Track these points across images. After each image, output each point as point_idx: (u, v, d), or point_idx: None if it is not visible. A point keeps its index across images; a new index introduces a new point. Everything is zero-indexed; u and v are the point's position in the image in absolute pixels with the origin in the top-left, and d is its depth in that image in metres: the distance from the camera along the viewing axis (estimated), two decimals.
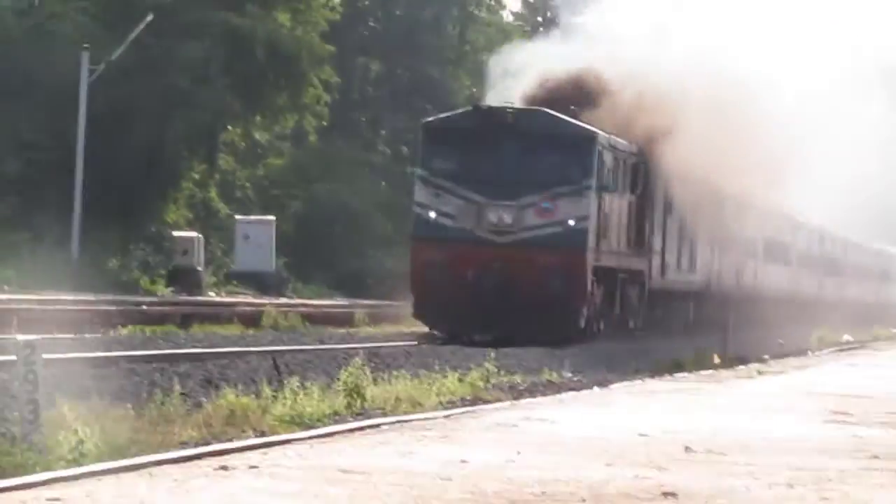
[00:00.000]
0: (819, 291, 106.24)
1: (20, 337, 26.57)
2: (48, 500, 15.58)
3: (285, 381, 30.59)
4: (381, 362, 35.71)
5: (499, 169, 50.73)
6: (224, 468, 18.44)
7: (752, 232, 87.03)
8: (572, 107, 55.74)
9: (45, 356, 23.65)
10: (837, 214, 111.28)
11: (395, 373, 33.96)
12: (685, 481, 18.71)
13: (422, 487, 17.34)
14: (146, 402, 27.28)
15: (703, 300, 75.12)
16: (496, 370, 37.48)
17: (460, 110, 60.97)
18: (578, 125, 53.85)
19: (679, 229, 69.04)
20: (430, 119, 62.29)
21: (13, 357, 24.24)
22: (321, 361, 35.37)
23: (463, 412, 28.55)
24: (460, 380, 35.61)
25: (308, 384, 30.64)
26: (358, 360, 32.89)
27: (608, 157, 54.84)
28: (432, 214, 51.44)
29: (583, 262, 51.14)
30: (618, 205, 56.61)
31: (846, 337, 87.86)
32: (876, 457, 22.52)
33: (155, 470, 18.40)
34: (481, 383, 35.94)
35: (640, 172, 60.24)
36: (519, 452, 21.19)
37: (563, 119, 53.61)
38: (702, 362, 51.01)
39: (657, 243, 64.20)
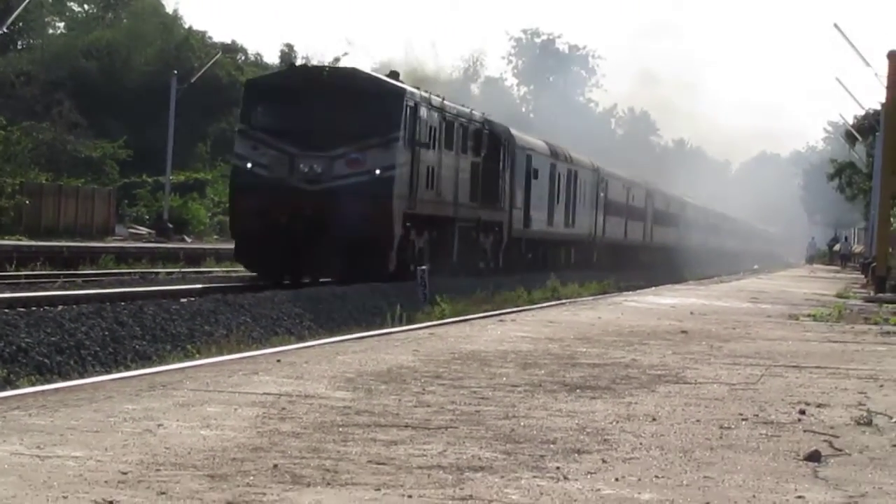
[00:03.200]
0: (703, 244, 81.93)
1: (421, 267, 26.84)
2: (429, 333, 15.66)
3: (530, 290, 30.63)
4: (565, 277, 35.36)
5: (311, 123, 28.66)
6: (501, 321, 18.45)
7: (640, 203, 62.00)
8: (393, 70, 33.21)
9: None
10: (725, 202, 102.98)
11: (571, 282, 33.78)
12: (690, 326, 18.54)
13: (581, 327, 17.32)
14: (470, 295, 27.45)
15: (585, 248, 51.03)
16: (616, 281, 37.31)
17: (279, 70, 36.17)
18: (387, 82, 30.22)
19: (550, 193, 44.23)
20: (252, 78, 39.33)
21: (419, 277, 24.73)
22: (538, 279, 35.18)
23: (599, 298, 28.41)
24: (598, 284, 35.51)
25: (536, 289, 30.80)
26: (554, 277, 32.89)
27: (428, 116, 31.02)
28: (249, 165, 28.74)
29: (388, 208, 28.49)
30: (450, 161, 32.59)
31: (755, 266, 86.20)
32: (770, 316, 22.22)
33: (473, 322, 18.49)
34: (607, 285, 35.82)
35: (483, 139, 35.50)
36: (622, 313, 21.06)
37: (374, 76, 30.85)
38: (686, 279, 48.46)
39: (519, 201, 39.85)
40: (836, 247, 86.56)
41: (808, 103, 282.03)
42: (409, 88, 30.46)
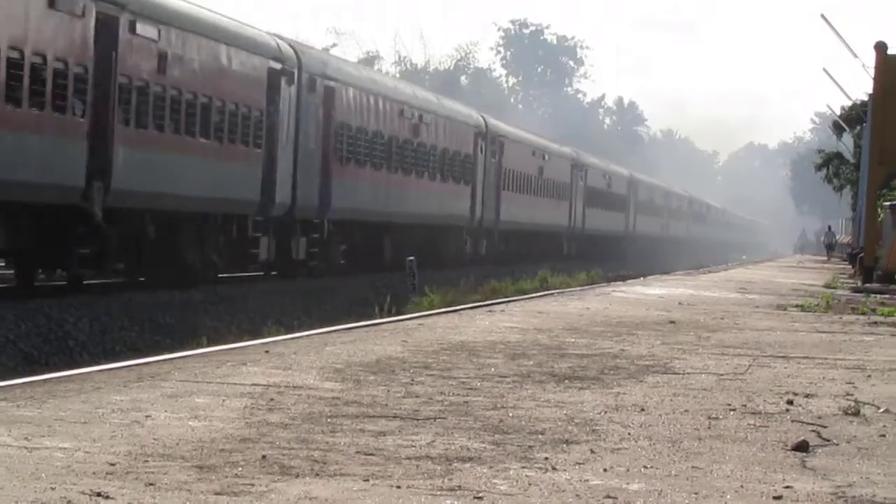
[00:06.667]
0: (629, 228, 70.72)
1: (410, 258, 26.83)
2: (418, 323, 15.67)
3: (518, 279, 30.74)
4: (556, 267, 35.41)
5: None
6: (490, 311, 18.46)
7: (429, 137, 36.94)
8: None
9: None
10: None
11: (561, 272, 33.82)
12: (678, 316, 18.57)
13: (569, 318, 17.33)
14: (458, 287, 27.46)
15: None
16: (603, 272, 37.30)
17: None
18: None
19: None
20: None
21: (406, 268, 24.66)
22: (529, 269, 35.18)
23: (587, 288, 28.43)
24: (587, 274, 35.51)
25: (524, 279, 30.81)
26: (546, 268, 33.00)
27: None
28: None
29: None
30: None
31: (743, 256, 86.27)
32: (758, 306, 22.30)
33: (462, 313, 18.47)
34: (595, 276, 35.84)
35: None
36: (610, 304, 21.09)
37: None
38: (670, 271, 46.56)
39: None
40: (822, 237, 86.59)
41: (796, 94, 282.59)
42: None
